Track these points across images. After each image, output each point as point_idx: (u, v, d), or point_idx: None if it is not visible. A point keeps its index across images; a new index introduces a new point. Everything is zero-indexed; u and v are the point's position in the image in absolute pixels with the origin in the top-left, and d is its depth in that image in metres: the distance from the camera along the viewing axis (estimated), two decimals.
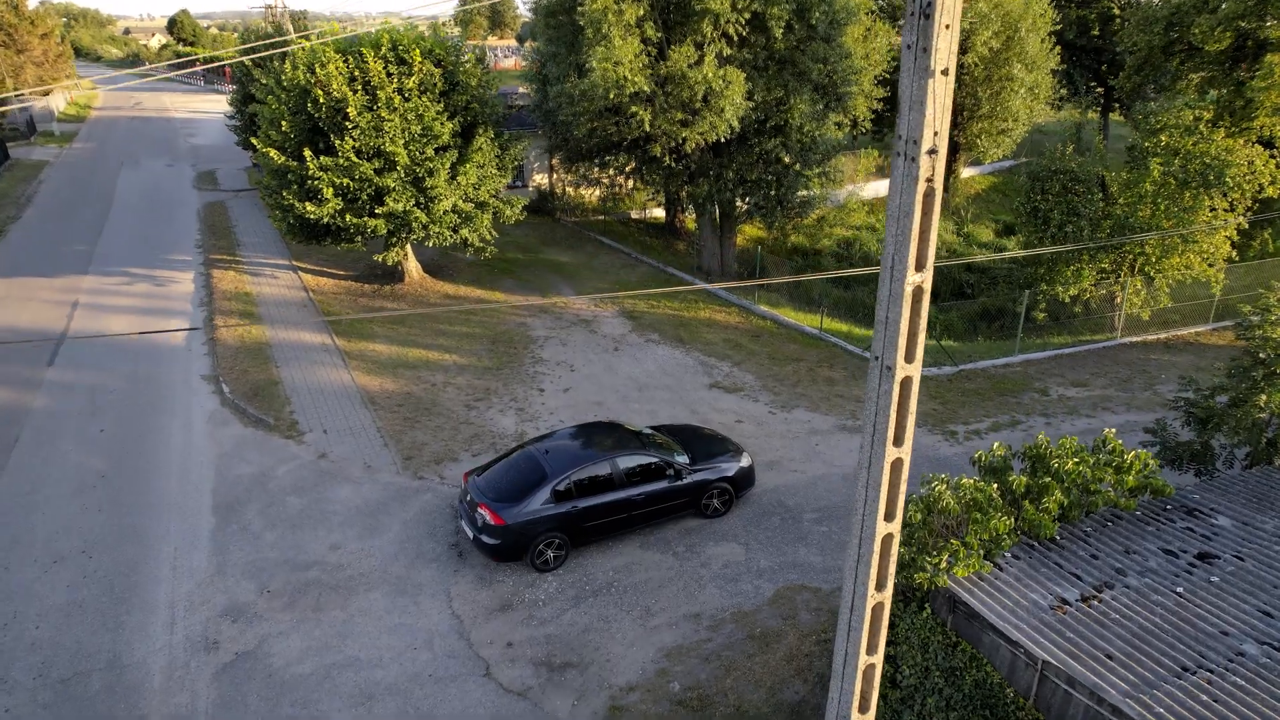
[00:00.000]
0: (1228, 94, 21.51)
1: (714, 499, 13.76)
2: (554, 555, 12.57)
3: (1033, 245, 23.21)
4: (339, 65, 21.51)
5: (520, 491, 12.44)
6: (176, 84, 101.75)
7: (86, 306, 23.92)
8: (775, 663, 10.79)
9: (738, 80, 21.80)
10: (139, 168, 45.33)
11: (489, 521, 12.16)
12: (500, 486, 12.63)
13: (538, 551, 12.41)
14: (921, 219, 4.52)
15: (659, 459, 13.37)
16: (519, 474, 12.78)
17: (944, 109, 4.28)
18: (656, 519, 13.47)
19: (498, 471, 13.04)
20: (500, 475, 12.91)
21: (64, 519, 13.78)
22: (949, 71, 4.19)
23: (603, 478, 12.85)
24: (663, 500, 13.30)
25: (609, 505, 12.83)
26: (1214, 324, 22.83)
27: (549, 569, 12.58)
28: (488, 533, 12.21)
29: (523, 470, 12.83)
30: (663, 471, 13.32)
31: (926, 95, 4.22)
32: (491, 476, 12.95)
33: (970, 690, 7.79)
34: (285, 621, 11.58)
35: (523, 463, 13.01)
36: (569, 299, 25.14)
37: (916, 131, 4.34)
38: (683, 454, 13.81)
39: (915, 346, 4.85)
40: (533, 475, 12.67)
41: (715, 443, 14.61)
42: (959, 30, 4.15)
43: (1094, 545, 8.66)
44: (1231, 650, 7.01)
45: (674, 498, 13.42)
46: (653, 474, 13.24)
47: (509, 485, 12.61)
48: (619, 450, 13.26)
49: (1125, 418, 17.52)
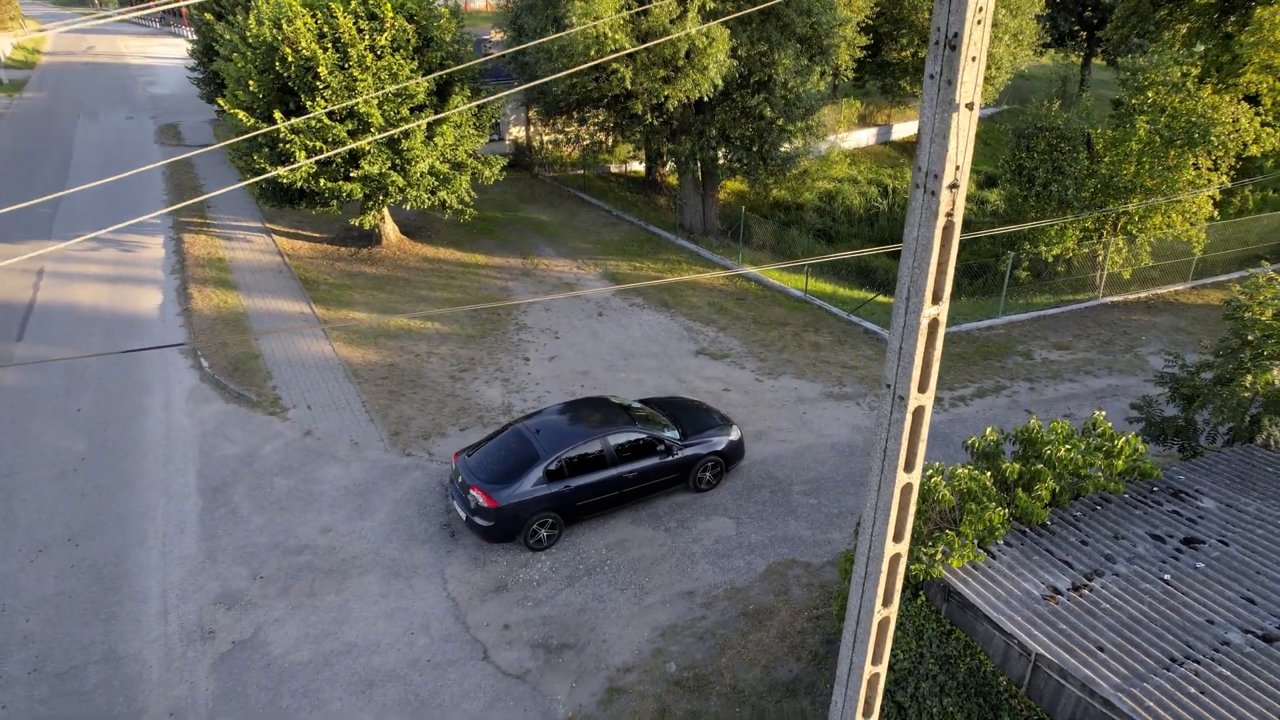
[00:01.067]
0: (1215, 48, 21.32)
1: (705, 472, 13.84)
2: (547, 535, 12.63)
3: (1017, 203, 23.18)
4: (307, 21, 20.62)
5: (512, 472, 12.40)
6: (130, 25, 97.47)
7: (53, 275, 23.22)
8: (769, 640, 11.00)
9: (722, 37, 21.22)
10: (97, 120, 43.60)
11: (482, 504, 12.15)
12: (492, 467, 12.58)
13: (531, 532, 12.46)
14: (940, 253, 4.42)
15: (650, 435, 13.37)
16: (510, 454, 12.73)
17: (968, 143, 4.13)
18: (648, 495, 13.54)
19: (489, 452, 12.97)
20: (491, 455, 12.85)
21: (46, 505, 13.58)
22: (974, 106, 4.02)
23: (594, 456, 12.86)
24: (655, 476, 13.36)
25: (601, 483, 12.86)
26: (1193, 282, 23.04)
27: (542, 548, 12.65)
28: (481, 515, 12.21)
29: (514, 450, 12.78)
30: (653, 448, 13.33)
31: (950, 129, 4.07)
32: (482, 457, 12.89)
33: (964, 678, 7.98)
34: (280, 608, 11.58)
35: (513, 442, 12.95)
36: (551, 260, 24.79)
37: (938, 165, 4.19)
38: (673, 429, 13.83)
39: (929, 377, 4.80)
40: (524, 455, 12.64)
41: (705, 415, 14.63)
42: (984, 63, 3.97)
43: (1084, 530, 8.81)
44: (1217, 639, 7.22)
45: (665, 473, 13.48)
46: (644, 450, 13.26)
47: (500, 466, 12.56)
48: (610, 428, 13.23)
49: (1107, 381, 17.76)
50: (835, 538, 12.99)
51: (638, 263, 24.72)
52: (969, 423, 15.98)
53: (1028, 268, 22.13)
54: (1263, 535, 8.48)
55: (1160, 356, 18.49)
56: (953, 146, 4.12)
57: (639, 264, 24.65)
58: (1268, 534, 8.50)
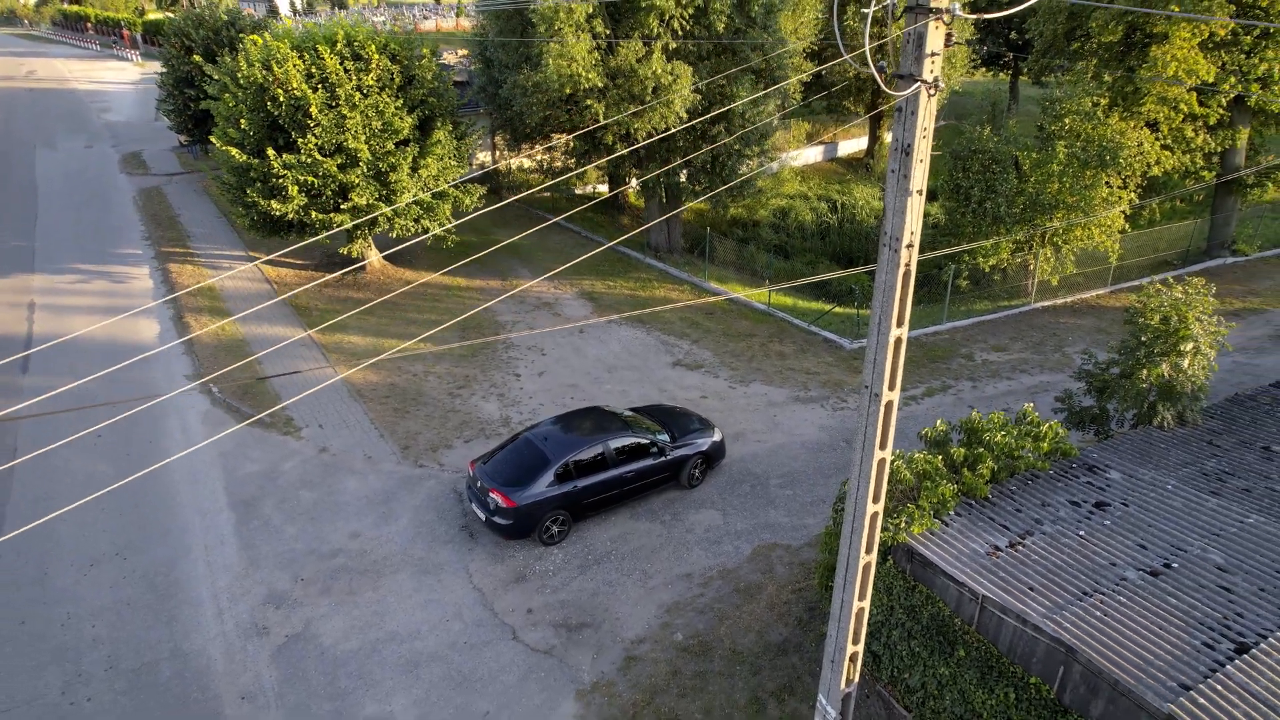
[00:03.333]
0: (1120, 80, 23.97)
1: (695, 470, 15.59)
2: (558, 530, 14.21)
3: (956, 218, 25.56)
4: (296, 63, 21.91)
5: (526, 476, 13.96)
6: (67, 47, 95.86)
7: (45, 308, 23.95)
8: (760, 610, 12.75)
9: (685, 74, 23.14)
10: (56, 149, 43.68)
11: (501, 505, 13.68)
12: (507, 472, 14.12)
13: (545, 528, 14.03)
14: (901, 291, 6.21)
15: (644, 439, 15.08)
16: (523, 460, 14.29)
17: (918, 216, 5.93)
18: (643, 492, 15.22)
19: (503, 459, 14.50)
20: (505, 462, 14.39)
21: (88, 524, 14.65)
22: (922, 192, 5.81)
23: (597, 458, 14.49)
24: (650, 475, 15.08)
25: (604, 483, 14.50)
26: (1112, 287, 25.65)
27: (554, 543, 14.22)
28: (500, 514, 13.74)
29: (526, 456, 14.34)
30: (648, 450, 15.04)
31: (906, 207, 5.86)
32: (497, 463, 14.41)
33: (927, 622, 9.82)
34: (325, 605, 12.93)
35: (524, 449, 14.52)
36: (528, 281, 26.31)
37: (899, 231, 5.98)
38: (663, 433, 15.56)
39: (896, 378, 6.58)
40: (535, 460, 14.20)
41: (690, 420, 16.42)
42: (927, 164, 5.76)
43: (1018, 501, 10.78)
44: (1118, 576, 9.19)
45: (658, 473, 15.21)
46: (639, 453, 14.95)
47: (515, 471, 14.10)
48: (609, 433, 14.89)
49: (1039, 378, 20.02)
50: (810, 523, 14.82)
51: (610, 282, 26.42)
52: (920, 418, 18.02)
53: (967, 277, 24.47)
54: (1154, 497, 10.54)
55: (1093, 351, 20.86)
56: (908, 220, 5.91)
57: (612, 283, 26.35)
58: (1158, 496, 10.56)
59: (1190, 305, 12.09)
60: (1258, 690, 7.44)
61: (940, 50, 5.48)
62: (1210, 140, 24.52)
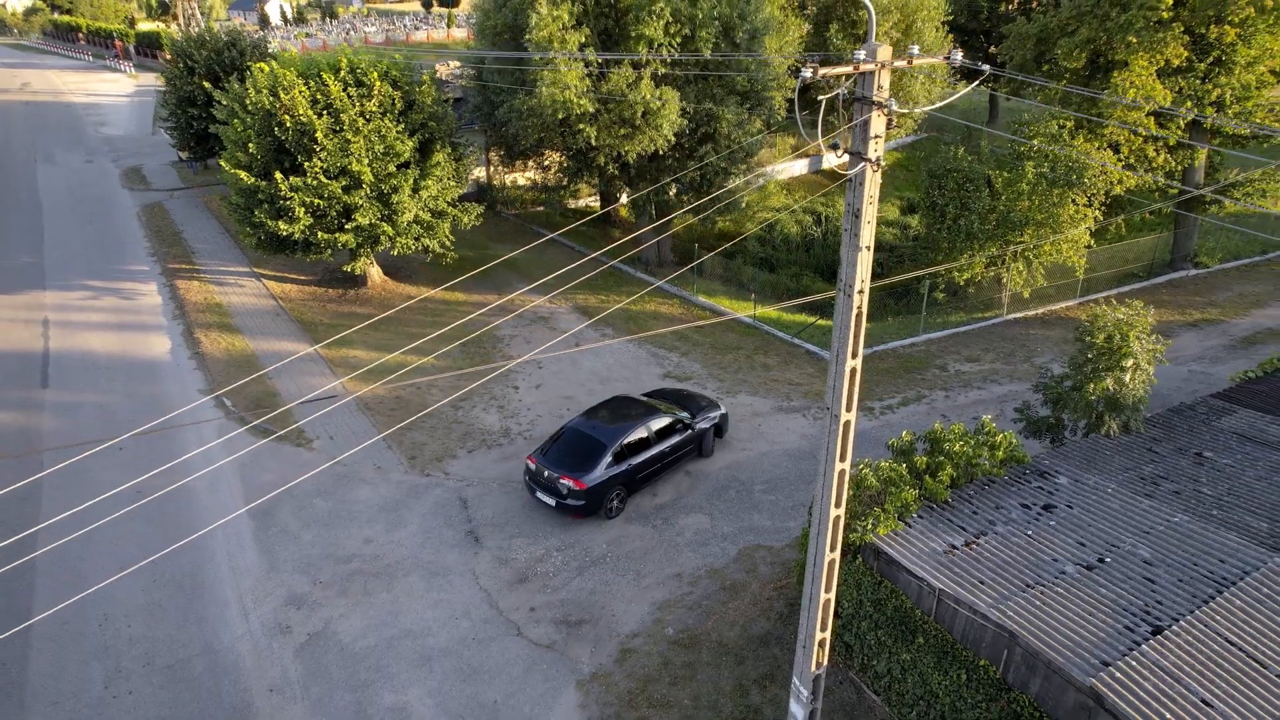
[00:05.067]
0: (1084, 103, 25.32)
1: (710, 441, 17.99)
2: (618, 505, 16.12)
3: (933, 234, 26.85)
4: (302, 90, 22.97)
5: (588, 460, 15.63)
6: (59, 57, 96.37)
7: (58, 324, 24.88)
8: (744, 606, 13.88)
9: (673, 99, 24.33)
10: (56, 164, 44.51)
11: (573, 488, 15.38)
12: (570, 460, 15.71)
13: (608, 504, 15.77)
14: (855, 330, 7.35)
15: (675, 418, 17.15)
16: (580, 447, 15.90)
17: (866, 268, 7.07)
18: (676, 464, 17.35)
19: (561, 449, 16.03)
20: (565, 451, 15.95)
21: (118, 532, 15.62)
22: (870, 248, 6.95)
23: (641, 439, 16.40)
24: (682, 448, 17.27)
25: (650, 459, 16.48)
26: (1081, 299, 26.97)
27: (613, 516, 16.05)
28: (573, 496, 15.43)
29: (582, 444, 15.97)
30: (676, 427, 17.11)
31: (857, 260, 7.01)
32: (557, 453, 15.95)
33: (891, 613, 10.98)
34: (342, 606, 13.99)
35: (578, 439, 16.13)
36: (525, 296, 27.41)
37: (851, 279, 7.12)
38: (684, 411, 17.55)
39: (852, 401, 7.72)
40: (593, 446, 15.86)
41: (700, 399, 18.72)
42: (874, 225, 6.90)
43: (975, 504, 11.96)
44: (1058, 570, 10.37)
45: (687, 445, 17.40)
46: (671, 430, 16.99)
47: (577, 458, 15.72)
48: (647, 416, 16.81)
49: (1009, 388, 21.26)
50: (791, 525, 15.98)
51: (604, 295, 27.55)
52: (896, 427, 19.21)
53: (944, 289, 25.74)
54: (1095, 500, 11.74)
55: (1053, 364, 22.13)
56: (859, 270, 7.05)
57: (605, 297, 27.48)
58: (1099, 499, 11.77)
59: (1132, 325, 13.32)
60: (1166, 665, 8.63)
61: (883, 133, 6.63)
62: (1170, 160, 25.88)
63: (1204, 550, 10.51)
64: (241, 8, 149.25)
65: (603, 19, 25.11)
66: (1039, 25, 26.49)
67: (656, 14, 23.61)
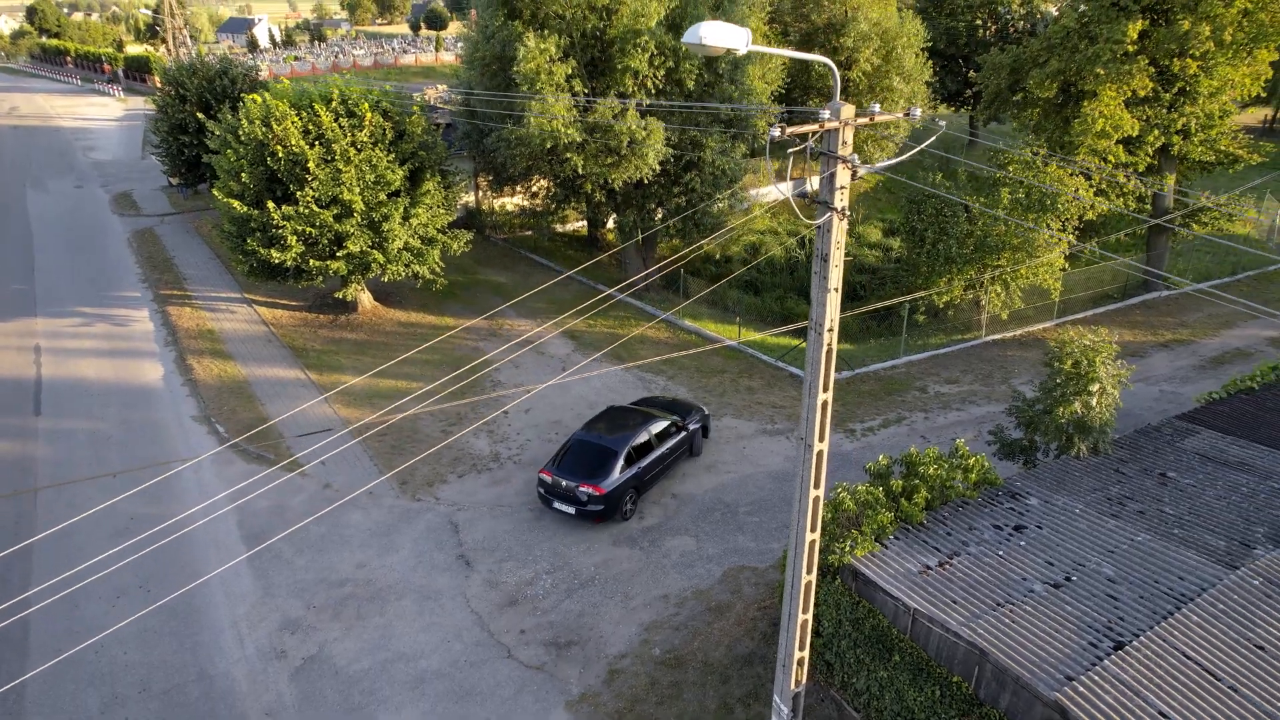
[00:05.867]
0: (1057, 131, 26.15)
1: (700, 440, 19.28)
2: (631, 507, 17.00)
3: (913, 258, 27.53)
4: (295, 120, 23.44)
5: (602, 467, 16.49)
6: (47, 81, 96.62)
7: (50, 351, 25.10)
8: (729, 626, 14.26)
9: (658, 129, 24.95)
10: (46, 190, 44.75)
11: (594, 494, 16.20)
12: (585, 469, 16.48)
13: (624, 507, 16.68)
14: (826, 365, 7.83)
15: (670, 421, 18.27)
16: (592, 456, 16.65)
17: (835, 308, 7.56)
18: (673, 465, 18.37)
19: (573, 460, 16.76)
20: (577, 461, 16.69)
21: (111, 559, 15.84)
22: (838, 290, 7.44)
23: (645, 442, 17.40)
24: (677, 449, 18.36)
25: (654, 461, 17.51)
26: (1057, 320, 27.65)
27: (627, 519, 16.94)
28: (594, 502, 16.26)
29: (593, 452, 16.72)
30: (670, 431, 18.21)
31: (826, 301, 7.49)
32: (571, 464, 16.67)
33: (869, 632, 11.40)
34: (336, 630, 14.27)
35: (586, 448, 16.86)
36: (513, 321, 27.84)
37: (821, 318, 7.61)
38: (675, 415, 18.50)
39: (825, 431, 8.18)
40: (604, 453, 16.71)
41: (685, 403, 19.99)
42: (841, 269, 7.41)
43: (949, 525, 12.43)
44: (1026, 589, 10.84)
45: (681, 446, 18.49)
46: (668, 433, 18.08)
47: (591, 466, 16.51)
48: (646, 422, 17.80)
49: (986, 409, 21.82)
50: (775, 547, 16.39)
51: (591, 320, 28.01)
52: (877, 449, 19.71)
53: (924, 311, 26.37)
54: (1064, 520, 12.23)
55: (1028, 386, 22.73)
56: (828, 310, 7.54)
57: (592, 321, 27.94)
58: (1068, 519, 12.27)
59: (1097, 351, 13.89)
60: (1126, 679, 9.08)
61: (848, 185, 7.14)
62: (1140, 185, 26.71)
63: (1164, 568, 11.00)
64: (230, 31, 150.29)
65: (589, 50, 25.78)
66: (1012, 56, 27.38)
67: (641, 46, 24.30)
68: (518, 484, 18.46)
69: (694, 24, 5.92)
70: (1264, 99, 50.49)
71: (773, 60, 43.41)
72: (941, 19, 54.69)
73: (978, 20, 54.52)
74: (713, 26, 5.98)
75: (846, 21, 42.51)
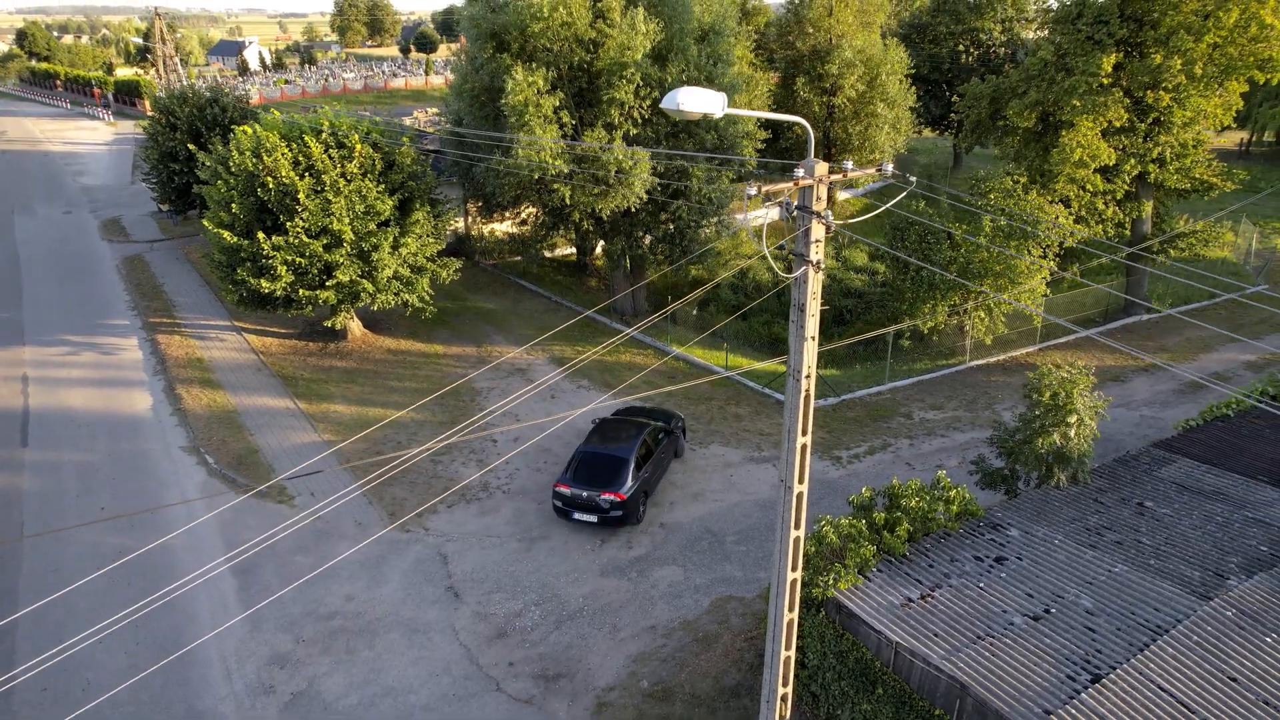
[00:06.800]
0: (1037, 159, 26.70)
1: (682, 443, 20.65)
2: (643, 510, 17.90)
3: (896, 284, 27.92)
4: (285, 152, 23.68)
5: (616, 475, 17.37)
6: (36, 105, 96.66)
7: (38, 381, 25.08)
8: (716, 658, 14.38)
9: (644, 159, 25.31)
10: (34, 215, 44.78)
11: (615, 501, 17.11)
12: (601, 478, 17.30)
13: (639, 510, 17.63)
14: (804, 410, 8.05)
15: (658, 427, 19.47)
16: (604, 465, 17.55)
17: (812, 355, 7.79)
18: (667, 467, 19.57)
19: (588, 471, 17.49)
20: (591, 471, 17.45)
21: (99, 594, 15.85)
22: (815, 338, 7.68)
23: (647, 448, 18.42)
24: (668, 452, 19.63)
25: (655, 463, 18.61)
26: (1040, 344, 28.05)
27: (639, 522, 17.76)
28: (615, 508, 17.13)
29: (607, 463, 17.59)
30: (660, 437, 19.29)
31: (803, 349, 7.73)
32: (586, 476, 17.42)
33: (853, 665, 11.55)
34: (325, 664, 14.30)
35: (600, 458, 17.67)
36: (502, 348, 28.01)
37: (799, 364, 7.85)
38: (658, 421, 19.98)
39: (804, 474, 8.39)
40: (615, 461, 17.58)
41: (661, 411, 21.17)
42: (818, 317, 7.66)
43: (930, 558, 12.63)
44: (1006, 622, 11.03)
45: (670, 448, 19.74)
46: (659, 438, 19.22)
47: (607, 475, 17.34)
48: (640, 430, 18.76)
49: (970, 435, 22.10)
50: (762, 576, 16.53)
51: (580, 346, 28.20)
52: (862, 476, 19.94)
53: (909, 337, 26.71)
54: (1044, 552, 12.46)
55: (1010, 412, 23.04)
56: (805, 357, 7.77)
57: (581, 348, 28.12)
58: (1047, 550, 12.49)
59: (1075, 383, 14.19)
60: (1103, 712, 9.27)
61: (823, 238, 7.40)
62: (1119, 212, 27.24)
63: (1141, 599, 11.23)
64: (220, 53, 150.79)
65: (576, 82, 26.18)
66: (992, 86, 27.96)
67: (628, 78, 24.70)
68: (506, 514, 18.57)
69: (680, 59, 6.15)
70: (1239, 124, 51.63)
71: (759, 87, 44.13)
72: (925, 45, 55.71)
73: (960, 47, 55.55)
74: (690, 93, 6.25)
75: (831, 49, 43.21)
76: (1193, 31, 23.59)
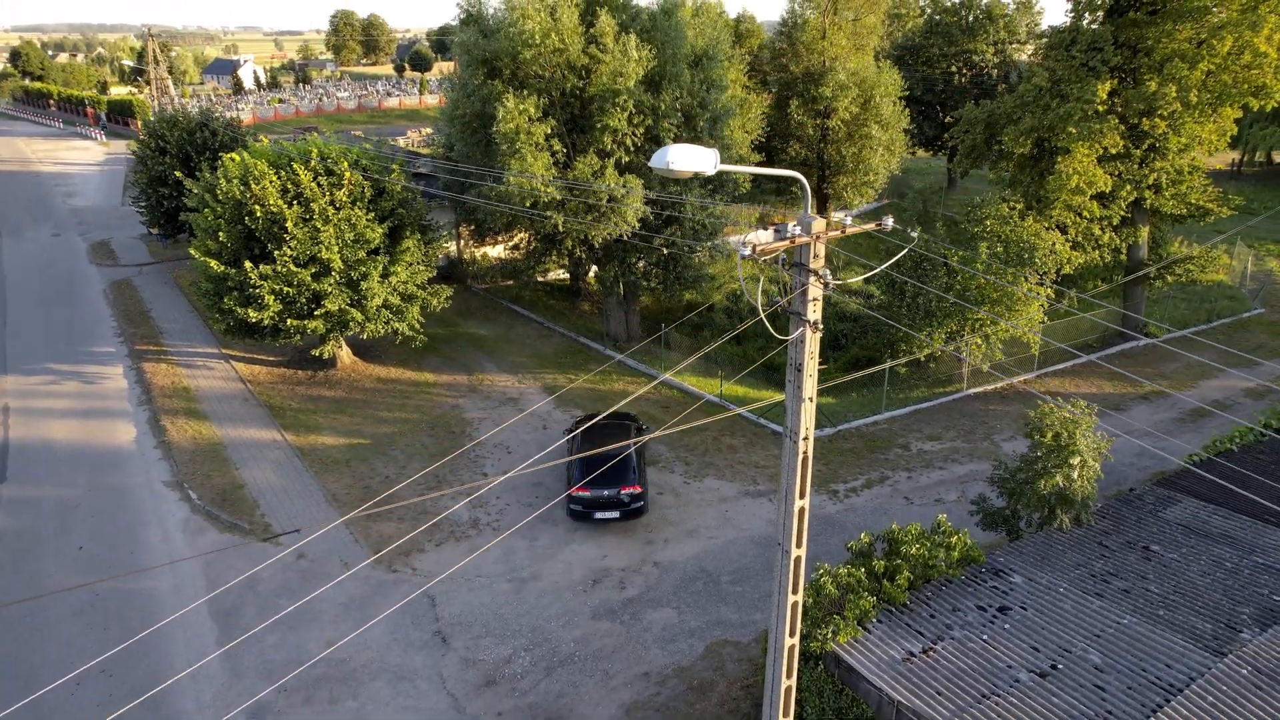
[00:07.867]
0: (1032, 185, 26.55)
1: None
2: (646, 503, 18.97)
3: (892, 311, 27.64)
4: (273, 180, 23.36)
5: (626, 472, 18.56)
6: (29, 124, 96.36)
7: (19, 412, 24.59)
8: (711, 707, 13.92)
9: (637, 187, 25.07)
10: (22, 238, 44.38)
11: (635, 493, 18.52)
12: (616, 477, 18.39)
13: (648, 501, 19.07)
14: (802, 471, 7.70)
15: (634, 427, 20.73)
16: (617, 464, 18.37)
17: (810, 416, 7.45)
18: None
19: (598, 474, 18.28)
20: (606, 473, 18.33)
21: (73, 640, 15.35)
22: (813, 399, 7.35)
23: (638, 444, 19.41)
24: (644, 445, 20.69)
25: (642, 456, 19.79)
26: (1038, 371, 27.76)
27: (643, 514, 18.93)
28: (635, 500, 18.57)
29: (616, 461, 18.40)
30: (636, 430, 20.61)
31: (801, 409, 7.39)
32: (601, 478, 18.33)
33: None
34: (307, 715, 13.80)
35: (608, 459, 18.34)
36: (493, 376, 27.61)
37: (797, 425, 7.50)
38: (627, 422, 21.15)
39: (803, 537, 8.02)
40: (625, 459, 18.61)
41: (623, 413, 22.09)
42: (815, 378, 7.33)
43: (932, 607, 12.23)
44: (1012, 678, 10.63)
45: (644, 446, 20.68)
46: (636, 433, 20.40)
47: (618, 473, 18.42)
48: (622, 431, 20.10)
49: (969, 467, 21.74)
50: (758, 618, 16.10)
51: (572, 374, 27.85)
52: (859, 511, 19.56)
53: (905, 365, 26.41)
54: (1049, 601, 12.08)
55: (1010, 443, 22.71)
56: (803, 419, 7.43)
57: (573, 375, 27.77)
58: (1053, 600, 12.12)
59: (1077, 424, 13.86)
60: None
61: (820, 297, 7.08)
62: (1115, 238, 27.07)
63: (1151, 654, 10.85)
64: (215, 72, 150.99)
65: (568, 109, 25.97)
66: (986, 111, 27.85)
67: (620, 105, 24.49)
68: (496, 553, 18.11)
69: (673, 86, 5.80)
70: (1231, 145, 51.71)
71: (752, 109, 44.05)
72: (918, 67, 55.87)
73: (953, 68, 55.73)
74: (680, 151, 5.93)
75: (825, 71, 43.18)
76: (1187, 59, 23.51)
